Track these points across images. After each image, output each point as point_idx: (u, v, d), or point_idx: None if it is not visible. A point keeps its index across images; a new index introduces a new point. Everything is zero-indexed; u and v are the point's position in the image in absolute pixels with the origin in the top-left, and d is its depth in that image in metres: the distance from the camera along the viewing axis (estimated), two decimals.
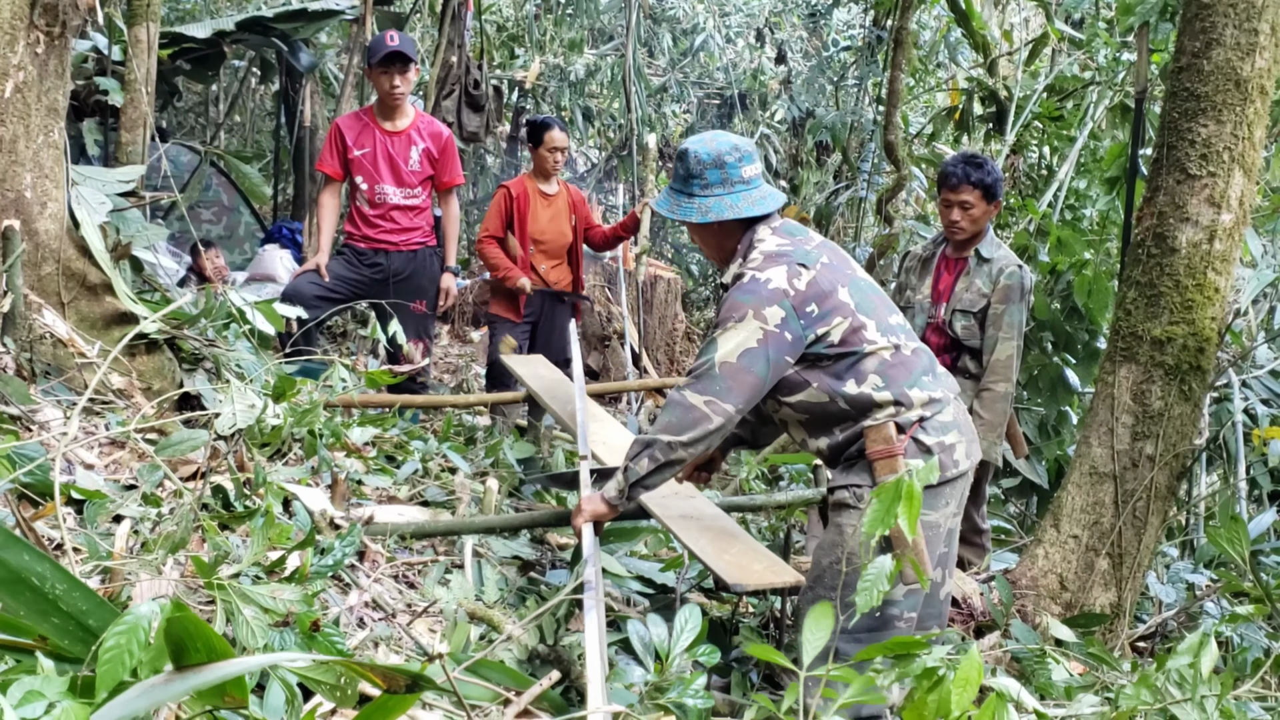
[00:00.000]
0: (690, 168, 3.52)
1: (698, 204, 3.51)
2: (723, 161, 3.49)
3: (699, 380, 3.35)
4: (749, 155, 3.54)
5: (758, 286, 3.35)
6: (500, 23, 15.45)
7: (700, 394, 3.34)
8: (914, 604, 3.40)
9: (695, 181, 3.52)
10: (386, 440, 5.04)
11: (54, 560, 1.89)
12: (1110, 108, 9.00)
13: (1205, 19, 4.58)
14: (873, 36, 11.80)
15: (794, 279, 3.35)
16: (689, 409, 3.35)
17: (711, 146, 3.51)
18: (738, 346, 3.31)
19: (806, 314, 3.34)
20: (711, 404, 3.33)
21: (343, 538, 3.11)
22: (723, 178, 3.49)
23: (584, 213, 7.33)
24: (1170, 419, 4.63)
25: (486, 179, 15.24)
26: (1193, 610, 5.09)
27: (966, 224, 5.24)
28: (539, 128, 7.13)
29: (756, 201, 3.51)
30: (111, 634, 1.63)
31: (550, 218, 7.08)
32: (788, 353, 3.34)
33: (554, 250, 7.12)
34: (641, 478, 3.44)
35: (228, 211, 10.98)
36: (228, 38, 9.35)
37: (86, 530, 3.07)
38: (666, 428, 3.38)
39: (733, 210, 3.48)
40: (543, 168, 7.11)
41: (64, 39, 4.25)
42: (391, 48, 6.18)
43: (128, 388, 4.21)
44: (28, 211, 4.14)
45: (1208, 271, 4.60)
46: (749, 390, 3.34)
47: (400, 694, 1.77)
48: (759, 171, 3.57)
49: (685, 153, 3.55)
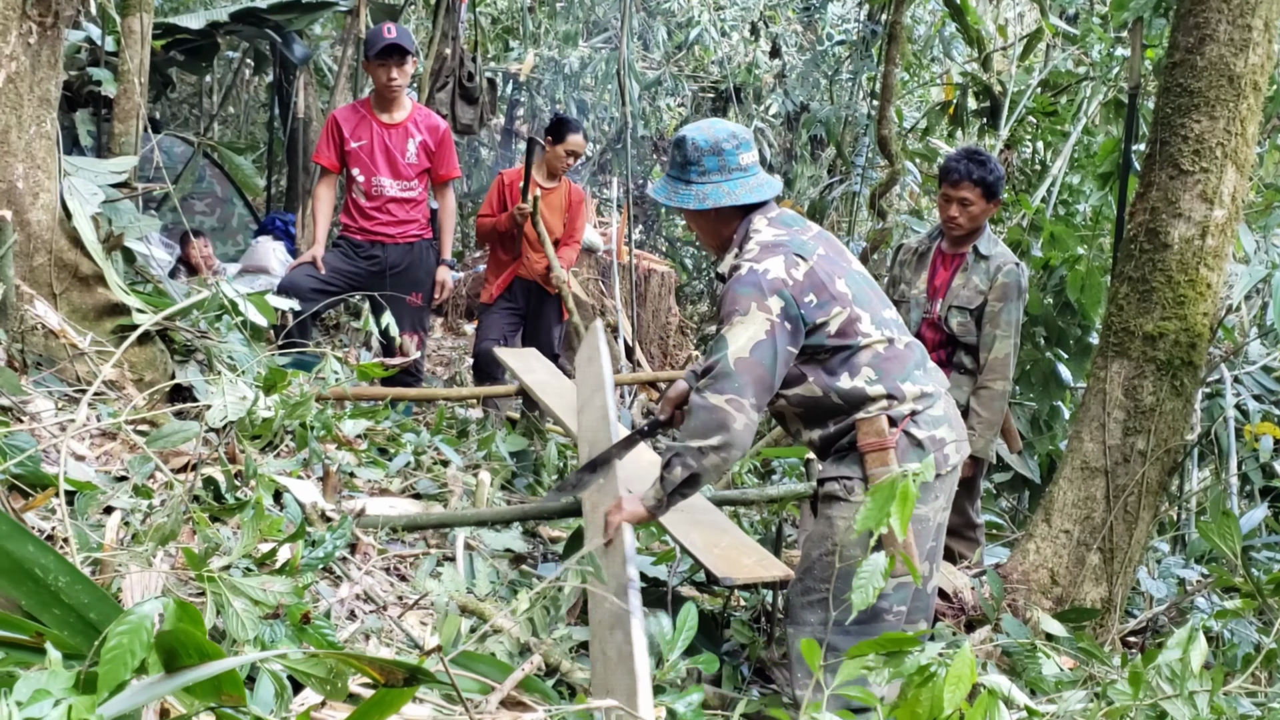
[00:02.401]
0: (688, 154, 3.51)
1: (695, 191, 3.51)
2: (720, 148, 3.49)
3: (716, 380, 3.31)
4: (746, 143, 3.54)
5: (757, 278, 3.34)
6: (495, 15, 15.42)
7: (720, 393, 3.30)
8: (904, 597, 3.42)
9: (692, 168, 3.51)
10: (378, 433, 5.04)
11: (58, 553, 1.88)
12: (1104, 103, 9.00)
13: (1199, 14, 4.58)
14: (867, 31, 11.79)
15: (792, 269, 3.35)
16: (712, 410, 3.30)
17: (709, 133, 3.51)
18: (749, 340, 3.29)
19: (805, 304, 3.34)
20: (733, 401, 3.29)
21: (334, 530, 3.11)
22: (720, 164, 3.49)
23: (575, 214, 7.35)
24: (1162, 414, 4.64)
25: (480, 171, 15.22)
26: (1183, 605, 5.10)
27: (965, 220, 5.23)
28: (564, 126, 7.16)
29: (754, 189, 3.51)
30: (114, 633, 1.63)
31: (542, 211, 7.06)
32: (791, 342, 3.34)
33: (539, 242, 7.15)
34: (677, 486, 3.38)
35: (221, 203, 10.95)
36: (221, 29, 9.33)
37: (77, 521, 3.07)
38: (693, 433, 3.34)
39: (730, 197, 3.48)
40: (552, 164, 7.17)
41: (57, 29, 4.23)
42: (389, 40, 6.17)
43: (119, 379, 4.20)
44: (20, 202, 4.13)
45: (1200, 267, 4.60)
46: (762, 385, 3.32)
47: (398, 688, 1.77)
48: (756, 159, 3.57)
49: (682, 139, 3.54)
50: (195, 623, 1.74)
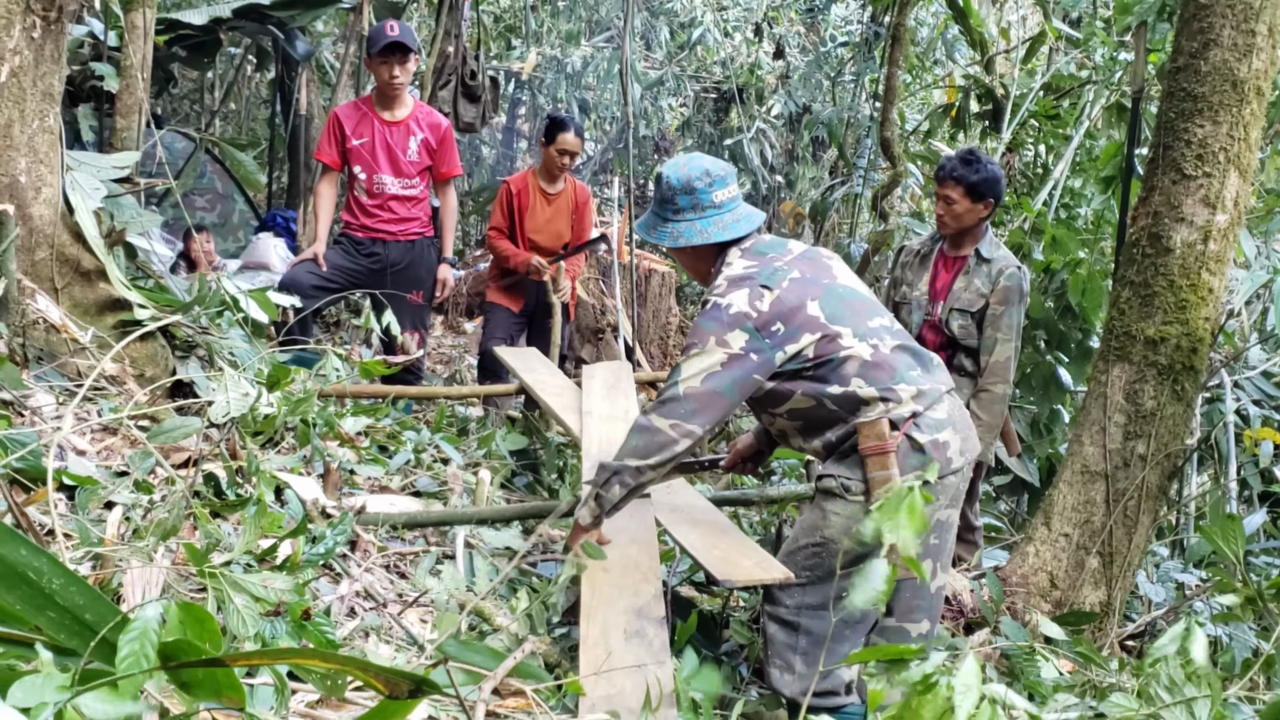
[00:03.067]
0: (663, 192, 3.63)
1: (670, 229, 3.63)
2: (692, 187, 3.58)
3: (664, 405, 3.43)
4: (720, 179, 3.61)
5: (719, 313, 3.43)
6: (497, 13, 15.43)
7: (666, 418, 3.41)
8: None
9: (668, 206, 3.63)
10: (379, 430, 5.04)
11: (52, 555, 1.88)
12: (1106, 107, 9.02)
13: (1203, 19, 4.58)
14: (870, 32, 11.80)
15: (755, 300, 3.41)
16: (655, 433, 3.42)
17: (683, 172, 3.60)
18: (701, 371, 3.39)
19: (772, 333, 3.40)
20: (677, 427, 3.40)
21: (334, 526, 3.11)
22: (693, 203, 3.59)
23: (583, 215, 7.20)
24: (1162, 419, 4.64)
25: (482, 170, 15.22)
26: (1182, 609, 5.10)
27: (949, 219, 5.27)
28: (554, 126, 6.98)
29: (728, 226, 3.59)
30: (125, 642, 1.63)
31: (549, 217, 7.01)
32: (755, 372, 3.41)
33: (548, 249, 7.03)
34: (615, 504, 3.50)
35: (222, 199, 10.97)
36: (224, 24, 9.33)
37: (78, 516, 3.07)
38: (634, 452, 3.44)
39: (701, 235, 3.58)
40: (549, 167, 7.01)
41: (60, 24, 4.23)
42: (392, 38, 6.16)
43: (120, 374, 4.20)
44: (22, 196, 4.13)
45: (1202, 272, 4.60)
46: (715, 409, 3.41)
47: (402, 699, 1.76)
48: (733, 194, 3.65)
49: (659, 177, 3.66)
50: (204, 625, 1.74)
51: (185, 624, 1.72)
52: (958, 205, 5.22)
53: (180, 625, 1.73)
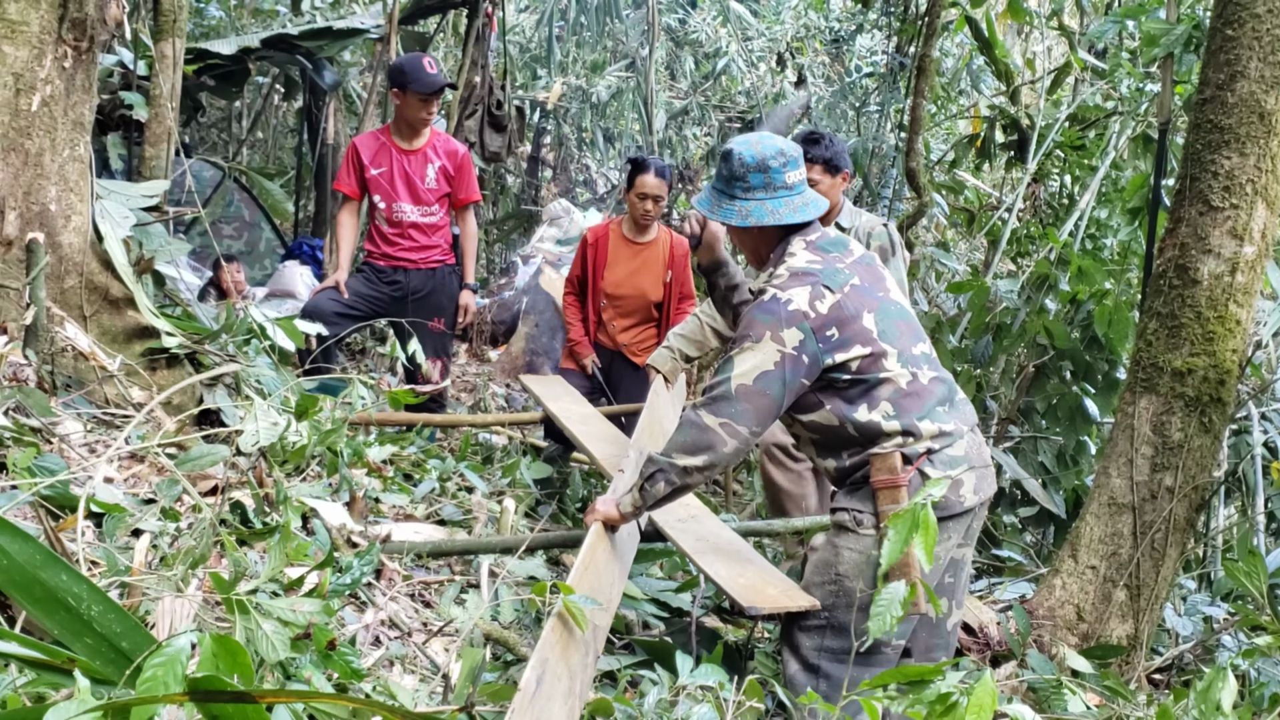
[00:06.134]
0: (734, 169, 3.48)
1: (738, 207, 3.48)
2: (766, 165, 3.45)
3: (715, 402, 3.34)
4: (794, 160, 3.51)
5: (777, 307, 3.33)
6: (523, 43, 15.51)
7: (716, 415, 3.32)
8: (904, 631, 3.39)
9: (738, 184, 3.49)
10: (404, 458, 5.05)
11: (92, 582, 1.88)
12: (1133, 138, 8.98)
13: (1230, 51, 4.58)
14: (895, 63, 11.79)
15: (816, 300, 3.32)
16: (704, 430, 3.33)
17: (757, 149, 3.48)
18: (754, 369, 3.30)
19: (826, 338, 3.32)
20: (727, 426, 3.31)
21: (361, 556, 3.11)
22: (765, 182, 3.46)
23: (681, 271, 6.29)
24: (1190, 451, 4.61)
25: (507, 199, 15.27)
26: (1210, 643, 5.06)
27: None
28: (634, 169, 6.20)
29: (798, 208, 3.48)
30: (150, 665, 1.63)
31: (633, 270, 6.26)
32: (804, 375, 3.32)
33: (630, 308, 6.31)
34: (658, 500, 3.44)
35: (249, 227, 11.02)
36: (253, 54, 9.41)
37: (105, 544, 3.08)
38: (681, 447, 3.36)
39: (773, 216, 3.45)
40: (632, 214, 6.24)
41: (91, 54, 4.28)
42: (439, 80, 6.21)
43: (147, 401, 4.22)
44: (52, 225, 4.17)
45: (1229, 304, 4.58)
46: (764, 413, 3.33)
47: None
48: (803, 177, 3.54)
49: (729, 153, 3.51)
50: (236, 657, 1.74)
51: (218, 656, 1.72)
52: (821, 184, 5.05)
53: (212, 657, 1.73)
